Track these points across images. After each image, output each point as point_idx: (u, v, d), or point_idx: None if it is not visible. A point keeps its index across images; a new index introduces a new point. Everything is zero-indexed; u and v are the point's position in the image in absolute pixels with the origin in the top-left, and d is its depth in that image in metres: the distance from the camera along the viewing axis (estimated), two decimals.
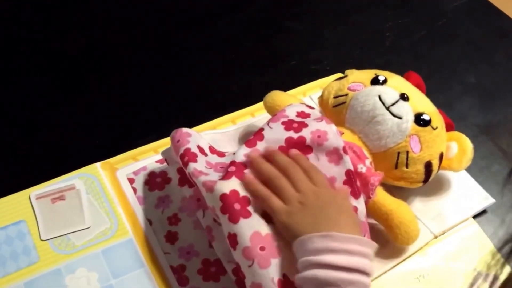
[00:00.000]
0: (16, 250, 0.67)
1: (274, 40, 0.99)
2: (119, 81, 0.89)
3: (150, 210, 0.72)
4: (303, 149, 0.65)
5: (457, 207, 0.75)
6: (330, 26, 1.02)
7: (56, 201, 0.72)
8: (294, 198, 0.59)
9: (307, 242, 0.54)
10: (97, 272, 0.66)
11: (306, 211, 0.58)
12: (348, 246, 0.53)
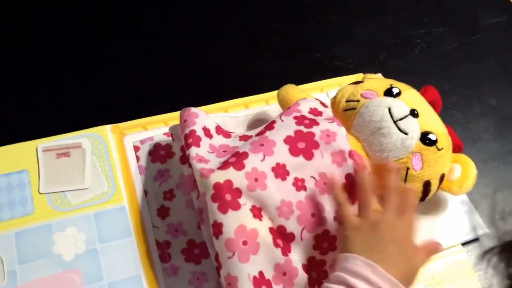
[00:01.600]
0: (14, 199, 0.66)
1: (302, 29, 0.95)
2: (141, 47, 0.86)
3: (149, 181, 0.71)
4: (310, 142, 0.62)
5: (448, 231, 0.71)
6: (361, 23, 0.97)
7: (61, 157, 0.71)
8: (371, 218, 0.56)
9: (351, 261, 0.53)
10: (85, 233, 0.65)
11: (372, 236, 0.55)
12: (384, 284, 0.51)
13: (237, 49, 0.89)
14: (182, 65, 0.85)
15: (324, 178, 0.62)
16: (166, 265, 0.64)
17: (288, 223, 0.60)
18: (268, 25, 0.94)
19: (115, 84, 0.80)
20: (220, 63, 0.86)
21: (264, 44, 0.91)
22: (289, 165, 0.61)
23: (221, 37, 0.91)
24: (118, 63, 0.83)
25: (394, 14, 1.00)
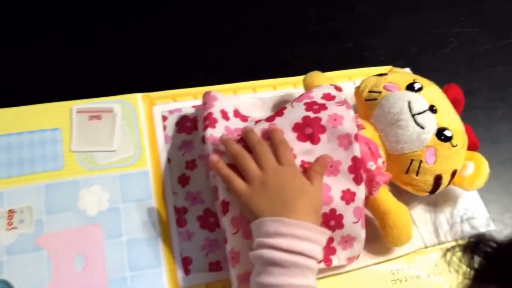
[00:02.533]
0: (46, 154, 0.70)
1: (338, 18, 0.95)
2: (178, 22, 0.88)
3: (173, 150, 0.73)
4: (317, 127, 0.63)
5: (456, 225, 0.71)
6: (396, 17, 0.97)
7: (93, 119, 0.73)
8: (256, 178, 0.58)
9: (260, 225, 0.55)
10: (109, 192, 0.68)
11: (265, 193, 0.57)
12: (296, 231, 0.53)
13: (272, 31, 0.90)
14: (216, 42, 0.87)
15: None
16: (182, 230, 0.67)
17: None
18: (305, 10, 0.94)
19: (150, 55, 0.83)
20: (254, 44, 0.87)
21: (299, 29, 0.92)
22: (297, 149, 0.63)
23: (257, 18, 0.92)
24: (156, 36, 0.86)
25: (430, 11, 0.99)
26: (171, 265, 0.64)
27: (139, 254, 0.64)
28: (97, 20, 0.86)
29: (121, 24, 0.86)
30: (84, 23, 0.86)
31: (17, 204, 0.66)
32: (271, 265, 0.52)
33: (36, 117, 0.72)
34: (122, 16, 0.88)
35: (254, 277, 0.54)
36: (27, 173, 0.68)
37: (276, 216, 0.54)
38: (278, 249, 0.52)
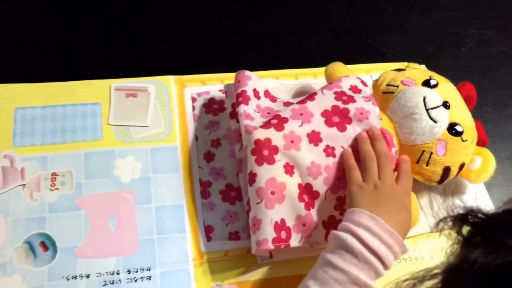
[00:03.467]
0: (86, 125, 0.75)
1: (359, 15, 0.98)
2: (211, 10, 0.92)
3: (200, 129, 0.78)
4: (344, 118, 0.67)
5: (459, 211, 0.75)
6: (415, 17, 1.00)
7: (129, 97, 0.78)
8: (373, 181, 0.63)
9: (357, 214, 0.58)
10: (141, 163, 0.73)
11: (375, 195, 0.61)
12: (384, 235, 0.56)
13: (296, 23, 0.94)
14: (244, 31, 0.91)
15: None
16: (205, 201, 0.72)
17: (315, 183, 0.66)
18: (328, 6, 0.97)
19: (184, 40, 0.87)
20: (278, 34, 0.91)
21: (322, 22, 0.96)
22: (323, 133, 0.67)
23: (283, 10, 0.95)
24: (189, 22, 0.90)
25: (448, 12, 1.02)
26: (195, 231, 0.69)
27: (166, 220, 0.69)
28: (138, 7, 0.91)
29: (159, 13, 0.91)
30: (126, 10, 0.90)
31: (60, 168, 0.71)
32: (347, 252, 0.56)
33: (79, 92, 0.77)
34: (161, 4, 0.92)
35: (325, 253, 0.57)
36: (68, 141, 0.73)
37: (375, 215, 0.57)
38: (361, 242, 0.56)
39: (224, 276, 0.67)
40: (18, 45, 0.83)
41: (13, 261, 0.64)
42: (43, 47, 0.83)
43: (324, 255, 0.58)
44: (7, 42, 0.83)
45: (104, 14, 0.89)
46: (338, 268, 0.56)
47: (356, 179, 0.63)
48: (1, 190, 0.68)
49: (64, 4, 0.88)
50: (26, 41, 0.83)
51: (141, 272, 0.66)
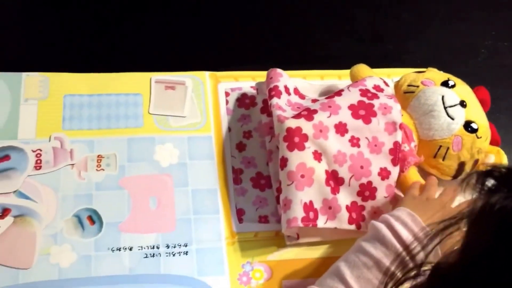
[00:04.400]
0: (129, 114, 0.81)
1: (382, 23, 1.04)
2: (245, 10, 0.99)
3: (233, 121, 0.84)
4: (369, 112, 0.73)
5: None
6: (434, 26, 1.06)
7: (168, 89, 0.85)
8: (426, 195, 0.69)
9: (399, 210, 0.64)
10: (179, 150, 0.79)
11: (424, 204, 0.67)
12: (418, 232, 0.61)
13: (323, 27, 1.00)
14: (275, 33, 0.98)
15: (375, 141, 0.73)
16: (237, 187, 0.78)
17: (340, 169, 0.72)
18: (354, 13, 1.04)
19: (219, 39, 0.94)
20: (306, 37, 0.98)
21: (345, 29, 1.02)
22: (349, 125, 0.73)
23: (311, 15, 1.02)
24: (224, 23, 0.97)
25: (465, 23, 1.08)
26: (227, 213, 0.75)
27: (202, 202, 0.75)
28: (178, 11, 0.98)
29: (196, 13, 0.98)
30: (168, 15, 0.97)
31: (105, 151, 0.77)
32: (378, 240, 0.61)
33: (123, 83, 0.84)
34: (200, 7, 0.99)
35: (360, 240, 0.63)
36: (113, 127, 0.80)
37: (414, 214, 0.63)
38: (394, 233, 0.61)
39: (254, 254, 0.73)
40: (69, 39, 0.90)
41: (64, 232, 0.70)
42: (91, 41, 0.90)
43: (359, 242, 0.63)
44: (59, 36, 0.90)
45: (147, 16, 0.96)
46: (368, 254, 0.61)
47: (412, 193, 0.69)
48: (52, 168, 0.75)
49: (112, 4, 0.96)
50: (76, 35, 0.91)
51: (179, 247, 0.72)
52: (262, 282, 0.71)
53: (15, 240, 0.69)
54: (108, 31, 0.92)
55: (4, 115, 0.78)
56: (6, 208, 0.71)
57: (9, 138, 0.76)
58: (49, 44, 0.89)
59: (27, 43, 0.90)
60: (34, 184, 0.73)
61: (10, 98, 0.79)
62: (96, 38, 0.91)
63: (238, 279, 0.71)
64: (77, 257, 0.69)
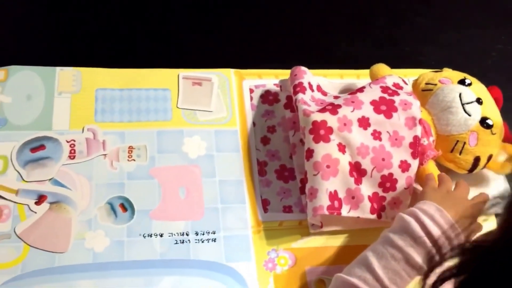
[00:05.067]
0: (158, 107, 0.85)
1: (400, 27, 1.08)
2: (268, 16, 1.03)
3: (257, 116, 0.87)
4: (390, 107, 0.77)
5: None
6: (448, 30, 1.09)
7: (195, 85, 0.88)
8: (446, 188, 0.71)
9: (426, 204, 0.66)
10: (206, 142, 0.83)
11: (447, 196, 0.70)
12: (446, 227, 0.63)
13: (343, 30, 1.04)
14: (298, 33, 1.01)
15: (396, 135, 0.77)
16: (262, 178, 0.81)
17: (363, 161, 0.75)
18: (372, 18, 1.08)
19: (244, 38, 0.98)
20: (328, 39, 1.01)
21: (364, 32, 1.06)
22: (372, 119, 0.76)
23: (331, 19, 1.05)
24: (249, 23, 1.01)
25: (477, 28, 1.11)
26: (253, 203, 0.78)
27: (229, 192, 0.78)
28: (207, 11, 1.02)
29: (221, 14, 1.02)
30: (193, 15, 1.01)
31: (135, 143, 0.80)
32: (408, 234, 0.63)
33: (152, 79, 0.87)
34: (227, 8, 1.03)
35: (388, 231, 0.66)
36: (143, 120, 0.83)
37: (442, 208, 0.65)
38: (423, 227, 0.63)
39: (279, 242, 0.76)
40: (100, 35, 0.94)
41: (97, 218, 0.73)
42: (121, 38, 0.94)
43: (387, 233, 0.66)
44: (91, 33, 0.94)
45: (175, 16, 1.00)
46: (396, 247, 0.63)
47: (432, 184, 0.72)
48: (86, 158, 0.78)
49: (142, 5, 1.00)
50: (107, 32, 0.94)
51: (207, 234, 0.75)
52: (286, 269, 0.74)
53: (52, 225, 0.72)
54: (139, 29, 0.96)
55: (39, 107, 0.81)
56: (42, 195, 0.74)
57: (44, 129, 0.79)
58: (81, 40, 0.92)
59: (60, 39, 0.93)
60: (69, 172, 0.76)
61: (44, 91, 0.83)
62: (126, 35, 0.95)
63: (264, 265, 0.74)
64: (110, 242, 0.72)
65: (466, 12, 1.13)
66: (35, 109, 0.81)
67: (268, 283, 0.72)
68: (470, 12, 1.13)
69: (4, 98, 0.81)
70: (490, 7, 1.16)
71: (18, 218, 0.71)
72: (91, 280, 0.69)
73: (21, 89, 0.82)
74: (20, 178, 0.74)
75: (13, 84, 0.82)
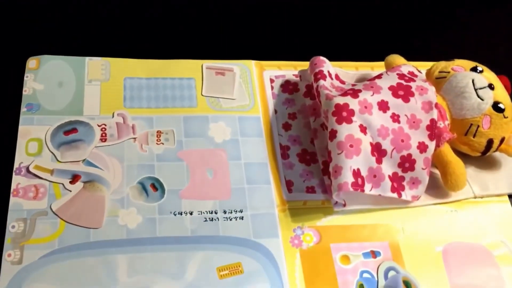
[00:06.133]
0: (184, 95, 0.88)
1: (411, 22, 1.12)
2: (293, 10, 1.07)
3: (278, 104, 0.91)
4: (408, 92, 0.80)
5: (498, 183, 0.87)
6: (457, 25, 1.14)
7: (218, 75, 0.92)
8: None
9: None
10: (231, 128, 0.86)
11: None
12: None
13: (359, 24, 1.08)
14: (314, 30, 1.06)
15: (413, 118, 0.80)
16: (285, 161, 0.84)
17: (383, 142, 0.78)
18: (388, 12, 1.12)
19: (264, 31, 1.02)
20: (340, 32, 1.06)
21: (381, 26, 1.09)
22: (390, 103, 0.80)
23: (345, 14, 1.10)
24: (270, 16, 1.05)
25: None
26: (278, 184, 0.81)
27: (254, 174, 0.81)
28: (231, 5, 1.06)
29: (243, 6, 1.06)
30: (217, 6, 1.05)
31: (163, 127, 0.84)
32: None
33: (177, 68, 0.91)
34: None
35: None
36: (169, 107, 0.86)
37: None
38: None
39: (304, 220, 0.79)
40: (127, 27, 0.98)
41: (129, 197, 0.76)
42: (147, 30, 0.98)
43: None
44: (119, 24, 0.98)
45: (197, 10, 1.04)
46: None
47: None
48: (116, 141, 0.81)
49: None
50: (132, 25, 0.98)
51: (235, 213, 0.77)
52: (312, 245, 0.77)
53: (86, 203, 0.74)
54: (164, 22, 1.00)
55: (70, 94, 0.84)
56: (76, 174, 0.77)
57: (76, 114, 0.82)
58: (108, 32, 0.96)
59: (89, 31, 0.97)
60: (101, 154, 0.79)
61: (75, 79, 0.86)
62: (151, 27, 0.98)
63: (290, 242, 0.76)
64: (143, 219, 0.75)
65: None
66: (67, 96, 0.84)
67: (295, 258, 0.75)
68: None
69: (37, 85, 0.84)
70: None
71: (53, 196, 0.74)
72: (125, 254, 0.71)
73: (53, 77, 0.85)
74: (55, 159, 0.77)
75: (45, 72, 0.85)
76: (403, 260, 0.78)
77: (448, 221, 0.83)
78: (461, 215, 0.84)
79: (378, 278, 0.75)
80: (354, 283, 0.75)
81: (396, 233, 0.80)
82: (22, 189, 0.74)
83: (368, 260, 0.77)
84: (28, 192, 0.74)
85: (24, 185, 0.74)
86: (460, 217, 0.83)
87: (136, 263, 0.71)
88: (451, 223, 0.83)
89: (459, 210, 0.84)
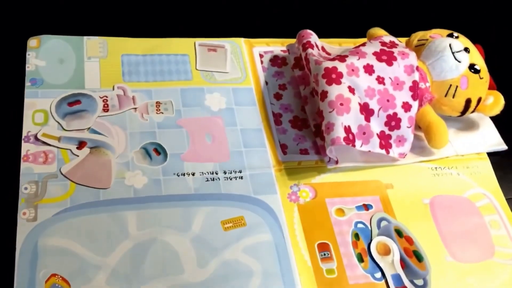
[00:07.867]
0: (179, 69, 0.95)
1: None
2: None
3: (269, 76, 0.98)
4: (391, 56, 0.89)
5: (477, 142, 0.96)
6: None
7: (210, 51, 0.99)
8: None
9: None
10: (226, 98, 0.93)
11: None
12: None
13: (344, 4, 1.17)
14: (300, 5, 1.14)
15: (397, 80, 0.89)
16: (278, 127, 0.91)
17: (371, 102, 0.86)
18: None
19: (254, 9, 1.10)
20: (329, 13, 1.14)
21: (358, 6, 1.18)
22: (375, 67, 0.88)
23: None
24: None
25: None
26: (273, 147, 0.88)
27: (250, 138, 0.88)
28: None
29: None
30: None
31: (162, 98, 0.90)
32: None
33: (171, 46, 0.97)
34: None
35: None
36: (166, 80, 0.93)
37: None
38: None
39: (300, 178, 0.86)
40: (122, 7, 1.04)
41: (134, 160, 0.82)
42: (141, 9, 1.05)
43: None
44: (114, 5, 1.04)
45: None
46: None
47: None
48: (118, 111, 0.87)
49: None
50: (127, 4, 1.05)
51: (234, 173, 0.84)
52: (308, 200, 0.84)
53: (93, 166, 0.80)
54: (157, 2, 1.07)
55: (71, 69, 0.90)
56: (82, 141, 0.82)
57: (78, 87, 0.88)
58: (105, 12, 1.02)
59: (86, 10, 1.03)
60: (104, 123, 0.85)
61: (74, 56, 0.92)
62: (145, 7, 1.05)
63: (288, 198, 0.83)
64: (148, 180, 0.81)
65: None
66: (68, 71, 0.90)
67: (293, 212, 0.82)
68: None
69: (39, 62, 0.90)
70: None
71: (62, 161, 0.80)
72: (134, 211, 0.77)
73: (53, 54, 0.91)
74: (61, 128, 0.83)
75: (46, 50, 0.92)
76: (393, 212, 0.85)
77: (433, 177, 0.91)
78: (444, 171, 0.92)
79: (371, 228, 0.83)
80: (350, 232, 0.82)
81: (385, 188, 0.88)
82: (31, 155, 0.79)
83: (361, 212, 0.84)
84: (38, 157, 0.79)
85: (34, 151, 0.80)
86: (444, 173, 0.92)
87: (145, 218, 0.77)
88: (436, 179, 0.91)
89: (443, 166, 0.92)
